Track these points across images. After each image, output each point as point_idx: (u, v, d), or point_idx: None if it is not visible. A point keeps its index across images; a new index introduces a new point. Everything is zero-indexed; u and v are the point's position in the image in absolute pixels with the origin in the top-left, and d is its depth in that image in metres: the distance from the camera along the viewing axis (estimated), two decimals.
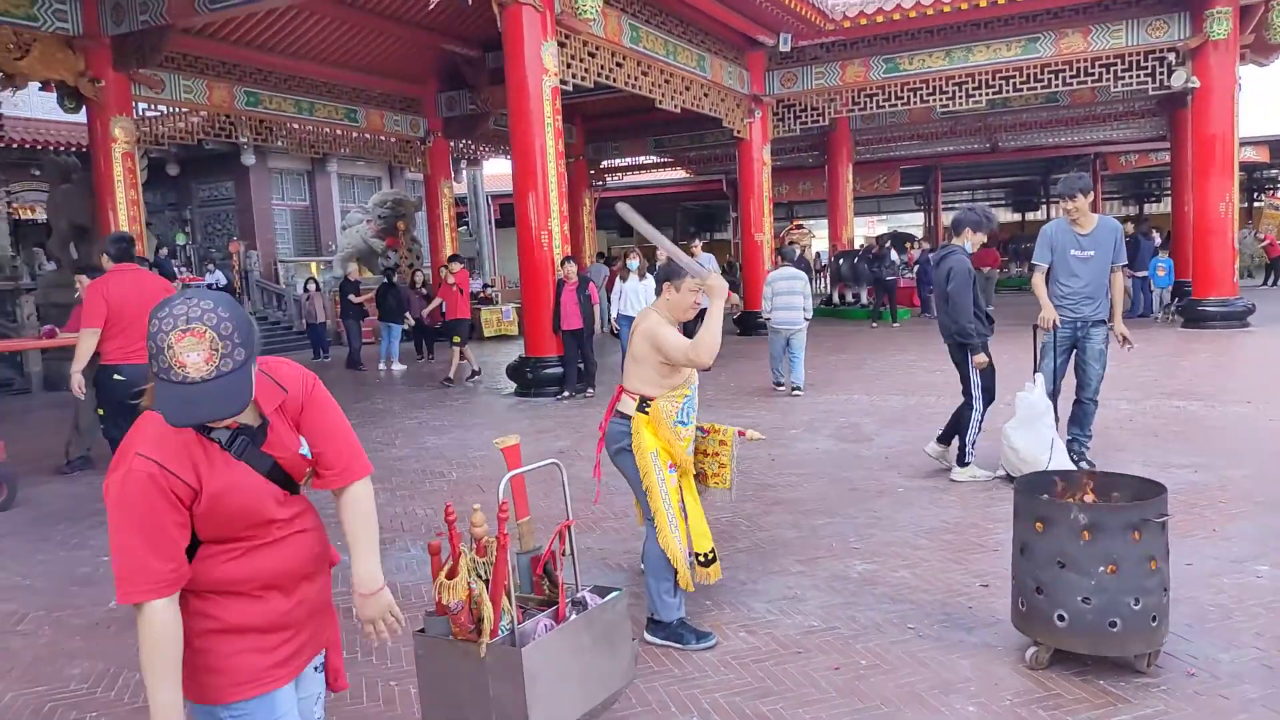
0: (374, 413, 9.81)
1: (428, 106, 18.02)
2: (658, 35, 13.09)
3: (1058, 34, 14.04)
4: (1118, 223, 5.93)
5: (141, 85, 12.99)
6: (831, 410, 8.55)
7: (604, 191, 24.96)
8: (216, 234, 23.09)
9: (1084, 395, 5.95)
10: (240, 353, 1.63)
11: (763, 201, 16.50)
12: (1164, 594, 3.18)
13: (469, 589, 2.48)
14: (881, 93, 15.68)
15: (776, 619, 3.84)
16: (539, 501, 5.80)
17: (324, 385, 1.98)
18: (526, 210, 10.30)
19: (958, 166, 31.12)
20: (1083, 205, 5.73)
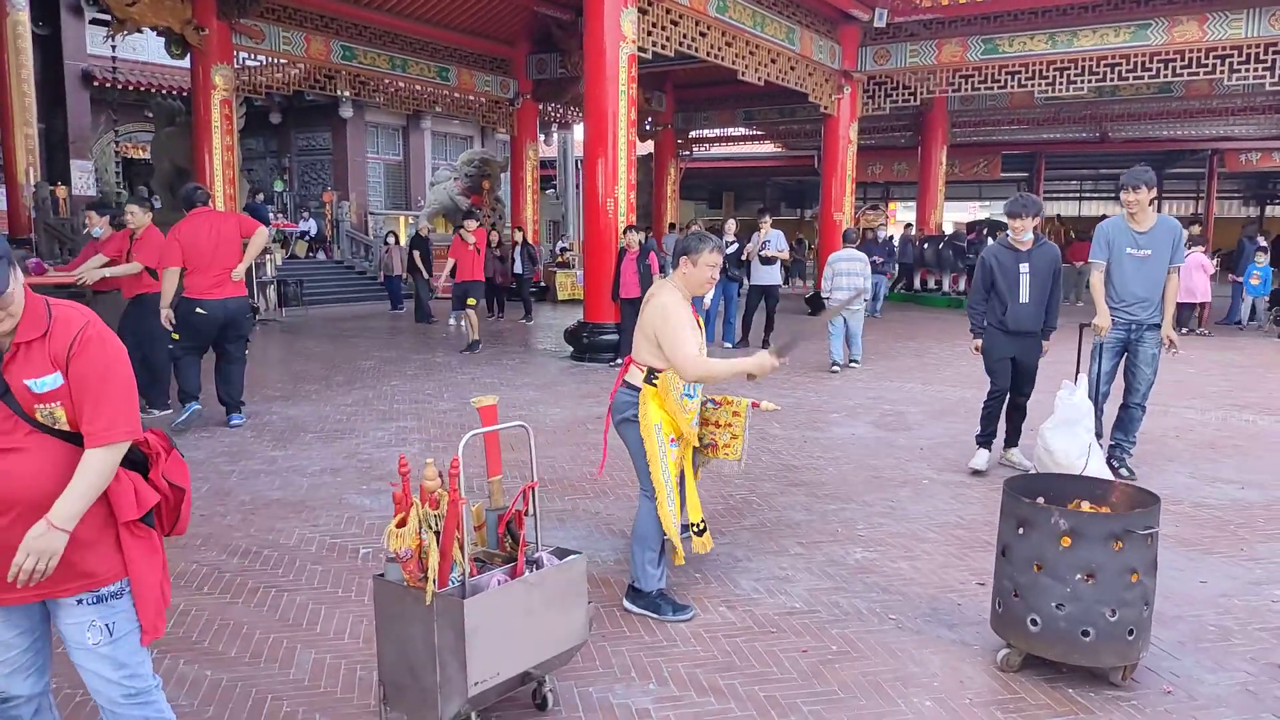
0: (431, 366, 10.08)
1: (518, 68, 18.18)
2: (745, 5, 12.90)
3: (1170, 21, 13.28)
4: (1178, 223, 5.65)
5: (243, 35, 13.47)
6: (880, 396, 8.41)
7: (691, 161, 24.84)
8: (313, 183, 23.84)
9: (1131, 400, 5.73)
10: None
11: (845, 180, 16.17)
12: (1145, 608, 3.08)
13: (419, 539, 2.57)
14: (978, 74, 15.11)
15: (760, 598, 3.86)
16: (557, 462, 5.92)
17: (108, 346, 2.09)
18: (594, 176, 10.36)
19: (1064, 155, 29.91)
20: (1144, 200, 5.48)
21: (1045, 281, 5.61)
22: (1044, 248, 5.68)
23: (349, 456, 6.16)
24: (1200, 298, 13.68)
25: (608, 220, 10.33)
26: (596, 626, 3.49)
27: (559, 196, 25.46)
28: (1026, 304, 5.63)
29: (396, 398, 8.22)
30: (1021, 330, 5.69)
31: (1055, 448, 5.46)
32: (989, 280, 5.75)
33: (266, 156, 24.53)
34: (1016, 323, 5.66)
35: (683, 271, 3.69)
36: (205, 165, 13.06)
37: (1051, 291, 5.66)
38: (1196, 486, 5.55)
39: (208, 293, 6.70)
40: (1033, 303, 5.62)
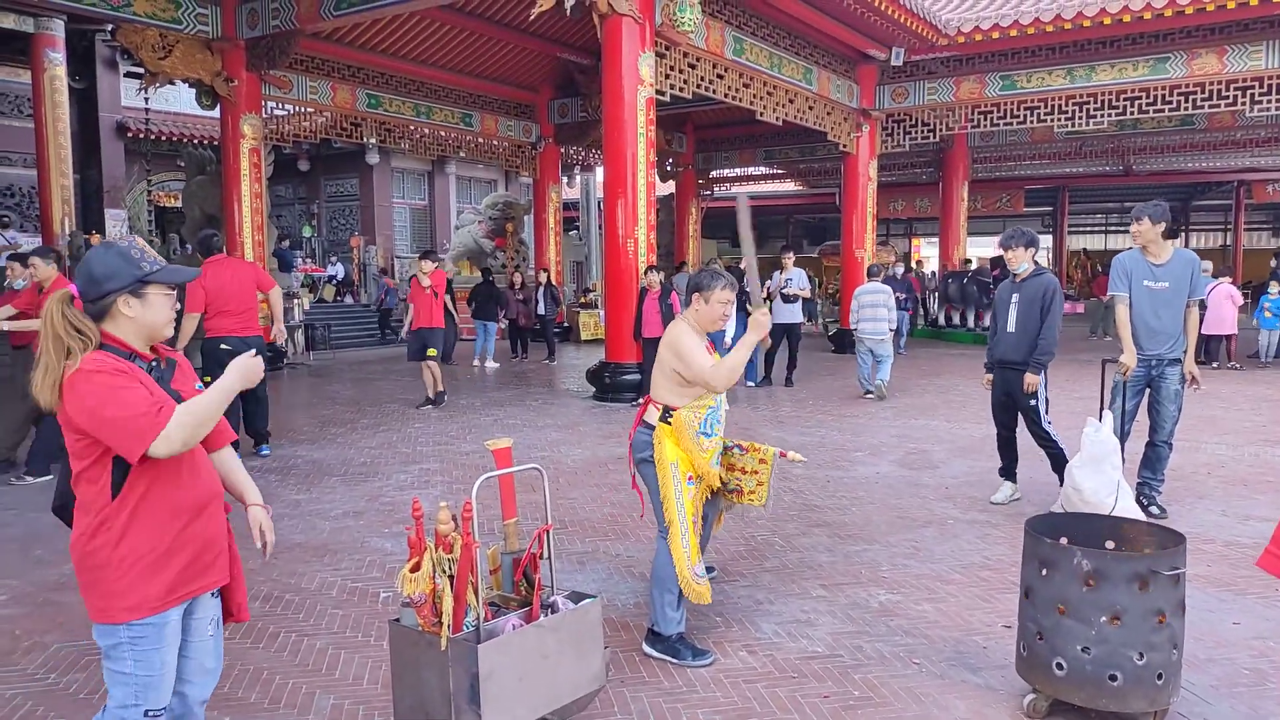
0: (454, 408, 10.13)
1: (540, 113, 18.48)
2: (762, 47, 13.06)
3: (1189, 54, 13.29)
4: (1195, 255, 5.59)
5: (271, 85, 13.81)
6: (904, 435, 8.35)
7: (712, 201, 24.99)
8: (341, 228, 24.24)
9: (1157, 438, 5.64)
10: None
11: (866, 217, 16.21)
12: (1174, 651, 3.01)
13: (433, 583, 2.58)
14: (997, 110, 15.18)
15: (781, 641, 3.81)
16: (578, 503, 5.92)
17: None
18: (614, 217, 10.46)
19: (1087, 189, 29.78)
20: (1147, 231, 5.44)
21: (1032, 311, 5.59)
22: (1037, 278, 5.67)
23: (372, 499, 6.19)
24: (1228, 330, 13.50)
25: (628, 261, 10.40)
26: (615, 671, 3.46)
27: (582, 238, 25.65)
28: (1011, 333, 5.65)
29: (420, 440, 8.26)
30: (1004, 360, 5.71)
31: (1084, 486, 5.37)
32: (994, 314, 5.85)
33: (295, 203, 25.00)
34: (1002, 352, 5.72)
35: (695, 309, 3.71)
36: (235, 212, 13.33)
37: (1042, 323, 5.59)
38: (1229, 525, 5.44)
39: (232, 331, 7.10)
40: (1017, 332, 5.62)
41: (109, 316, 2.17)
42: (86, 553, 2.16)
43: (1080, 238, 34.17)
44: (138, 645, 2.17)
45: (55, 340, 2.11)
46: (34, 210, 18.29)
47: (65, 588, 4.46)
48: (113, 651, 2.19)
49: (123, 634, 2.16)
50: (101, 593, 2.15)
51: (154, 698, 2.22)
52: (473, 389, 11.84)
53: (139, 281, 2.17)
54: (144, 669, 2.19)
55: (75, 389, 2.08)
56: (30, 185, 18.26)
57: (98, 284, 2.15)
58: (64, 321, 2.11)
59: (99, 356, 2.12)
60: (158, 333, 2.24)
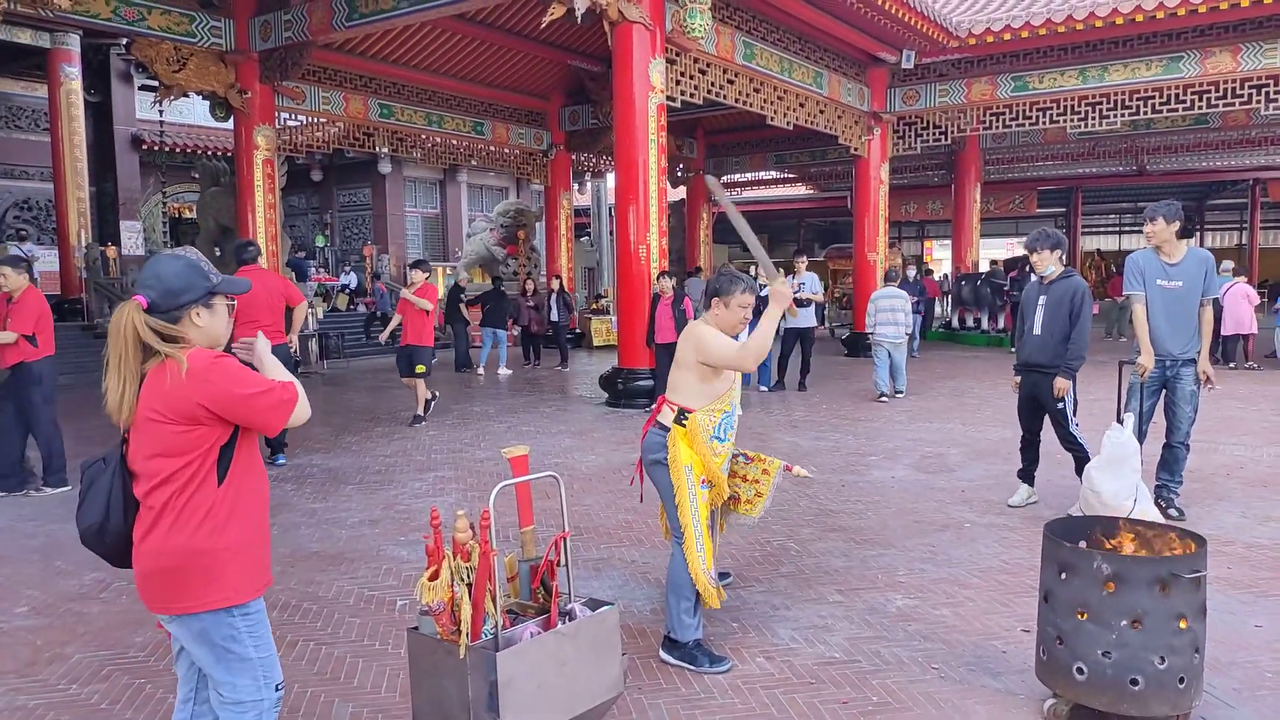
0: (469, 415, 10.16)
1: (551, 120, 18.53)
2: (773, 52, 13.06)
3: (1203, 53, 13.20)
4: (1208, 254, 5.56)
5: (284, 96, 13.90)
6: (919, 438, 8.31)
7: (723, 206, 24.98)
8: (354, 237, 24.37)
9: (1174, 439, 5.59)
10: None
11: (878, 220, 16.17)
12: (1195, 654, 2.99)
13: (451, 592, 2.58)
14: (1009, 111, 15.14)
15: (799, 647, 3.80)
16: (593, 510, 5.92)
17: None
18: (626, 223, 10.47)
19: (1101, 189, 29.64)
20: (1162, 231, 5.40)
21: (1060, 314, 5.53)
22: (1066, 280, 5.61)
23: (387, 507, 6.21)
24: (1246, 329, 13.39)
25: (640, 267, 10.41)
26: (632, 678, 3.46)
27: (593, 244, 25.73)
28: (1037, 335, 5.61)
29: (434, 448, 8.28)
30: (1030, 362, 5.67)
31: (1103, 489, 5.33)
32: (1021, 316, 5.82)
33: (309, 213, 25.14)
34: (1028, 355, 5.68)
35: (715, 313, 3.70)
36: (249, 223, 13.41)
37: (1072, 327, 5.53)
38: (1249, 526, 5.40)
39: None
40: (1044, 335, 5.58)
41: (180, 326, 2.24)
42: (190, 548, 2.18)
43: (1094, 238, 34.00)
44: (254, 629, 2.28)
45: (136, 351, 2.16)
46: (51, 223, 18.49)
47: (86, 598, 4.50)
48: (231, 642, 2.25)
49: (238, 622, 2.25)
50: (211, 584, 2.20)
51: (276, 673, 2.34)
52: (486, 396, 11.87)
53: (209, 293, 2.26)
54: (263, 649, 2.31)
55: (205, 377, 2.14)
56: (47, 198, 18.46)
57: (175, 296, 2.21)
58: (150, 332, 2.16)
59: (204, 349, 2.22)
60: (220, 341, 2.32)
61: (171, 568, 2.19)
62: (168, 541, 2.18)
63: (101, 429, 9.58)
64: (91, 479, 2.28)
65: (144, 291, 2.20)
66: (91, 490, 2.27)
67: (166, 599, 2.22)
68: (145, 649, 3.88)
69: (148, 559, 2.21)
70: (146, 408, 2.14)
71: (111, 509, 2.22)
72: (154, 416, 2.14)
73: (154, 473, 2.18)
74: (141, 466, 2.20)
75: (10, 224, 18.43)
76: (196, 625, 2.22)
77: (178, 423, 2.14)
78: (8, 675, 3.65)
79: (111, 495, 2.22)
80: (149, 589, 2.24)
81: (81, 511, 2.27)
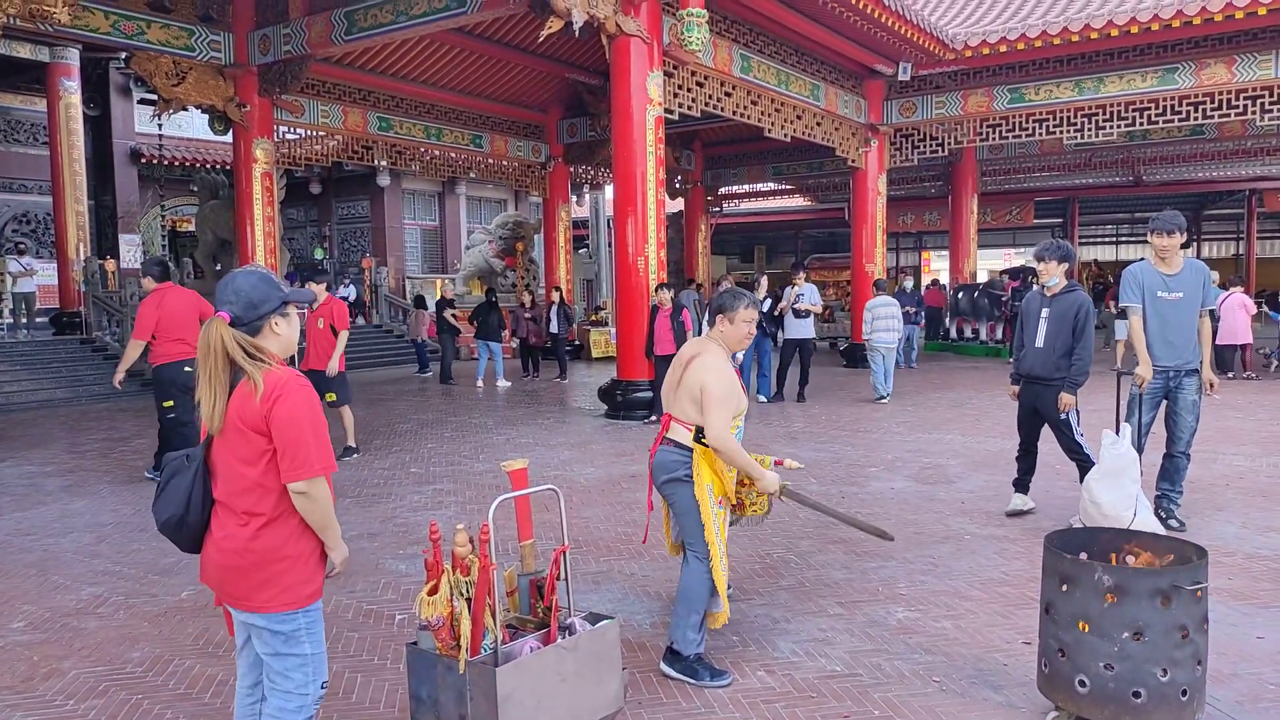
0: (467, 428, 10.14)
1: (549, 133, 18.59)
2: (770, 65, 13.11)
3: (1198, 64, 13.28)
4: (1205, 265, 5.58)
5: (283, 110, 13.94)
6: (919, 450, 8.31)
7: (721, 217, 25.05)
8: (353, 250, 24.39)
9: (1175, 449, 5.59)
10: None
11: (876, 232, 16.22)
12: (1198, 667, 2.97)
13: (451, 606, 2.57)
14: (1005, 123, 15.20)
15: (800, 660, 3.79)
16: (592, 523, 5.90)
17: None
18: (625, 235, 10.49)
19: (1097, 200, 29.75)
20: (1176, 244, 5.41)
21: (1064, 328, 5.54)
22: (1070, 295, 5.62)
23: (386, 520, 6.20)
24: (1242, 339, 13.41)
25: (639, 278, 10.42)
26: (633, 692, 3.44)
27: (592, 255, 25.75)
28: (1040, 349, 5.61)
29: (433, 460, 8.27)
30: (1032, 375, 5.66)
31: (1102, 500, 5.32)
32: (1021, 327, 5.81)
33: (307, 225, 25.16)
34: (1029, 366, 5.67)
35: (720, 329, 3.72)
36: (247, 236, 13.43)
37: (1076, 342, 5.54)
38: (1249, 537, 5.39)
39: (186, 355, 7.11)
40: (1046, 348, 5.58)
41: (259, 337, 2.39)
42: (266, 549, 2.35)
43: (1091, 249, 34.07)
44: (313, 628, 2.45)
45: (227, 364, 2.33)
46: (49, 236, 18.49)
47: (84, 614, 4.48)
48: (291, 638, 2.41)
49: (301, 620, 2.41)
50: (283, 584, 2.37)
51: (324, 670, 2.51)
52: (484, 408, 11.85)
53: (283, 303, 2.43)
54: (317, 647, 2.47)
55: (290, 396, 2.31)
56: (46, 211, 18.47)
57: (255, 308, 2.38)
58: (237, 346, 2.32)
59: (297, 373, 2.40)
60: (293, 347, 2.49)
61: (249, 566, 2.36)
62: (250, 543, 2.35)
63: (99, 442, 9.57)
64: (173, 473, 2.44)
65: (226, 307, 2.36)
66: (172, 483, 2.43)
67: (242, 594, 2.39)
68: (143, 665, 3.86)
69: (229, 555, 2.37)
70: (235, 416, 2.32)
71: (191, 504, 2.39)
72: (239, 426, 2.32)
73: (237, 477, 2.36)
74: (225, 470, 2.38)
75: (9, 237, 18.44)
76: (265, 620, 2.39)
77: (256, 434, 2.32)
78: (4, 691, 3.63)
79: (193, 491, 2.39)
80: (225, 583, 2.41)
81: (160, 502, 2.43)
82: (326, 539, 2.43)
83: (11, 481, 7.70)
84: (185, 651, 3.99)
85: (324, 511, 2.37)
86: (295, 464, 2.30)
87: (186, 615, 4.43)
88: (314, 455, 2.32)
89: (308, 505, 2.34)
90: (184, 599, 4.65)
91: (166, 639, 4.14)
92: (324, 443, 2.36)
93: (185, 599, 4.65)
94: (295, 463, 2.30)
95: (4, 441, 9.77)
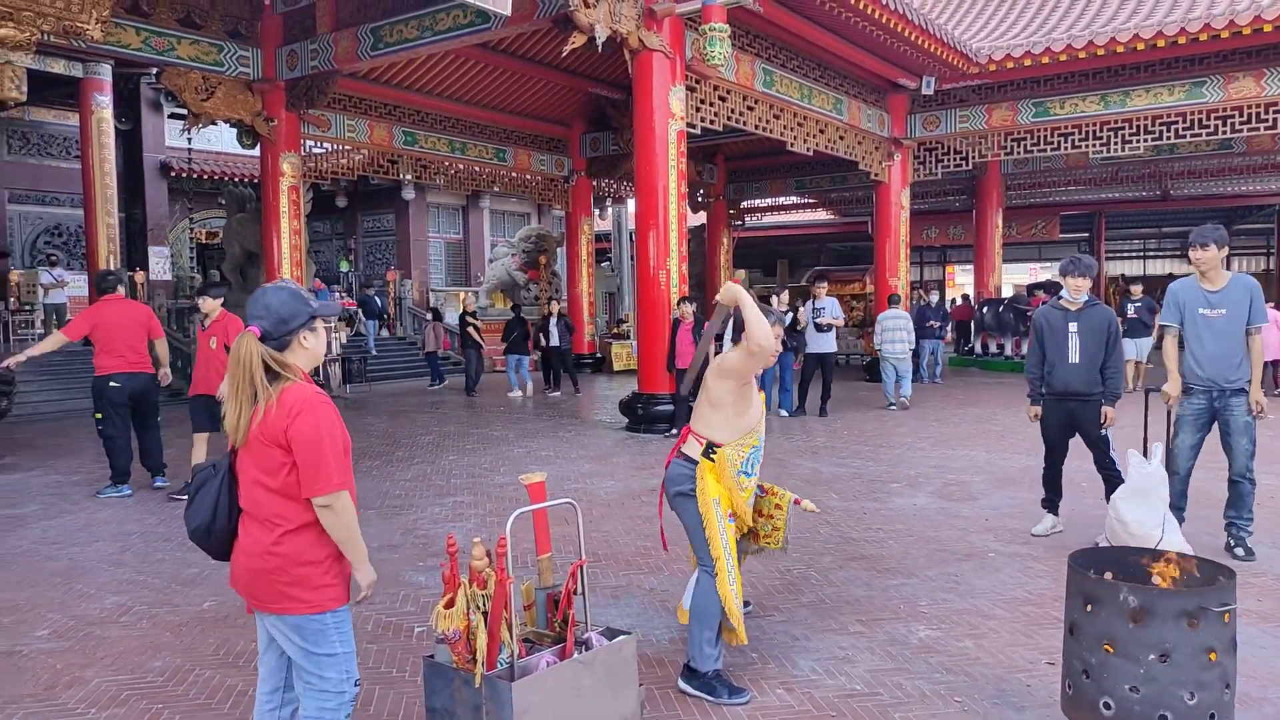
0: (489, 440, 10.17)
1: (573, 147, 18.68)
2: (792, 79, 13.12)
3: (1226, 77, 13.14)
4: (1254, 280, 5.39)
5: (310, 124, 14.10)
6: (942, 466, 8.23)
7: (744, 230, 25.03)
8: (378, 262, 24.58)
9: (1234, 473, 5.37)
10: None
11: (899, 245, 16.13)
12: (1226, 690, 2.91)
13: (467, 620, 2.57)
14: (1030, 137, 15.11)
15: (819, 679, 3.75)
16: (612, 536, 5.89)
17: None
18: (646, 248, 10.50)
19: (1125, 214, 29.42)
20: (1214, 257, 5.27)
21: (1097, 341, 5.47)
22: (1095, 308, 5.57)
23: (406, 532, 6.21)
24: (1274, 355, 13.18)
25: (660, 292, 10.43)
26: (650, 709, 3.42)
27: (614, 269, 25.81)
28: (1077, 364, 5.51)
29: (454, 472, 8.29)
30: (1070, 391, 5.55)
31: (1129, 518, 5.24)
32: (1041, 343, 5.68)
33: (333, 238, 25.40)
34: (1065, 383, 5.55)
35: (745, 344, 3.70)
36: (274, 249, 13.57)
37: (1108, 353, 5.50)
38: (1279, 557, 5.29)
39: (119, 369, 7.34)
40: (1083, 363, 5.49)
41: (288, 350, 2.45)
42: (291, 553, 2.40)
43: (1118, 263, 33.67)
44: (342, 627, 2.50)
45: (255, 378, 2.37)
46: (81, 248, 18.77)
47: (107, 622, 4.52)
48: (321, 638, 2.46)
49: (330, 621, 2.46)
50: (311, 587, 2.42)
51: (355, 667, 2.55)
52: (505, 421, 11.88)
53: (311, 317, 2.47)
54: (348, 645, 2.52)
55: (309, 412, 2.37)
56: (77, 224, 18.76)
57: (285, 323, 2.43)
58: (263, 362, 2.39)
59: (317, 389, 2.45)
60: (319, 360, 2.56)
61: (275, 570, 2.41)
62: (275, 547, 2.40)
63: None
64: (201, 482, 2.51)
65: (256, 322, 2.41)
66: (200, 493, 2.50)
67: (269, 599, 2.43)
68: (164, 674, 3.89)
69: (256, 560, 2.42)
70: (257, 429, 2.38)
71: (218, 513, 2.46)
72: (260, 438, 2.38)
73: (260, 487, 2.41)
74: (248, 480, 2.44)
75: (41, 250, 18.74)
76: (294, 623, 2.44)
77: (276, 447, 2.38)
78: (26, 699, 3.67)
79: (219, 500, 2.46)
80: (253, 586, 2.45)
81: (190, 511, 2.51)
82: (351, 557, 2.46)
83: (40, 490, 7.80)
84: (206, 661, 4.01)
85: (347, 525, 2.41)
86: (315, 479, 2.36)
87: (208, 625, 4.46)
88: (333, 469, 2.37)
89: (331, 518, 2.39)
90: (206, 609, 4.68)
91: (188, 649, 4.16)
92: (342, 457, 2.41)
93: (207, 609, 4.69)
94: (315, 478, 2.35)
95: (33, 450, 9.91)
